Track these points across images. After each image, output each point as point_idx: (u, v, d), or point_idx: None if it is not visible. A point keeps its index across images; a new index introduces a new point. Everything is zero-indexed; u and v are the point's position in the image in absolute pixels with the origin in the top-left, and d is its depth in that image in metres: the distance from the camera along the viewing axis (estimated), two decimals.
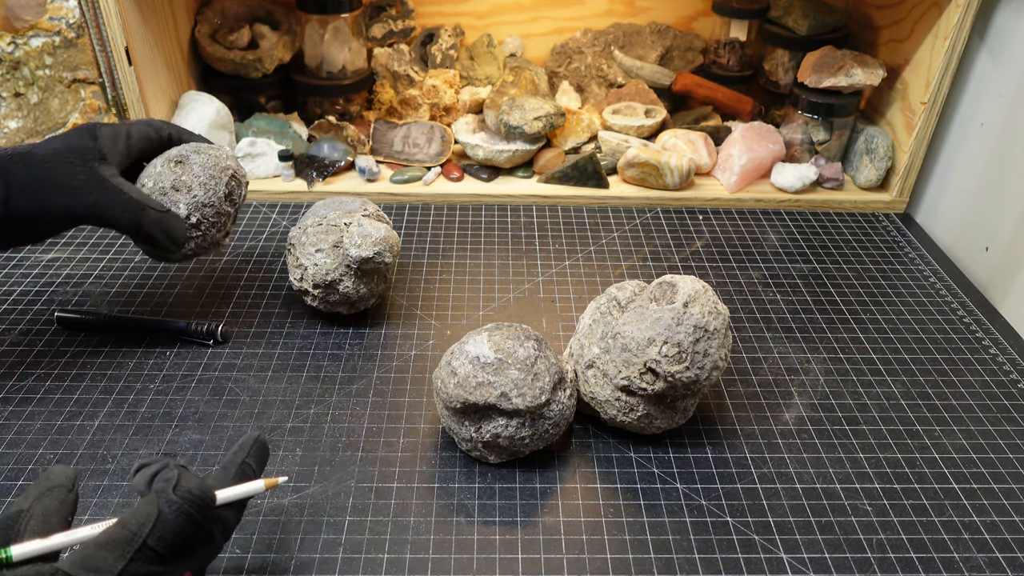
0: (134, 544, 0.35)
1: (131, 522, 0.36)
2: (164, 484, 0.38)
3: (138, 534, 0.36)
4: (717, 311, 0.53)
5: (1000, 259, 0.76)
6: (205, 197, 0.60)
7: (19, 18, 0.84)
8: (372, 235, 0.62)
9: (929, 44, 0.82)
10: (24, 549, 0.36)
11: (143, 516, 0.36)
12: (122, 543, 0.35)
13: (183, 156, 0.61)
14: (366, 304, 0.66)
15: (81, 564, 0.34)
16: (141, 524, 0.36)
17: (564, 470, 0.54)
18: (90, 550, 0.35)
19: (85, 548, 0.35)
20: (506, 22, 1.04)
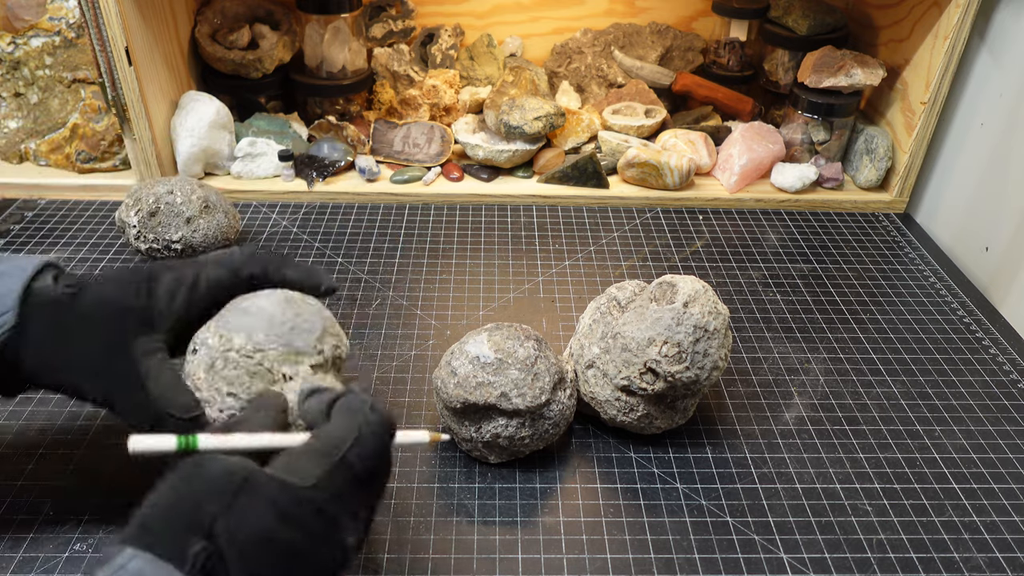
0: (334, 456, 0.35)
1: (332, 434, 0.36)
2: (361, 403, 0.37)
3: (339, 447, 0.35)
4: (717, 311, 0.53)
5: (1000, 259, 0.76)
6: None
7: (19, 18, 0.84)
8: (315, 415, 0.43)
9: (929, 44, 0.82)
10: (210, 440, 0.36)
11: (343, 431, 0.36)
12: (323, 452, 0.35)
13: None
14: None
15: (283, 467, 0.34)
16: (342, 439, 0.36)
17: (564, 470, 0.54)
18: (289, 458, 0.35)
19: (286, 455, 0.35)
20: (506, 22, 1.04)
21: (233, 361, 0.43)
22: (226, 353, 0.43)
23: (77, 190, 0.86)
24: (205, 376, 0.43)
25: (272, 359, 0.43)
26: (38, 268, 0.43)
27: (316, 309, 0.46)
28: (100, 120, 0.87)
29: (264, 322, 0.44)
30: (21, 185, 0.86)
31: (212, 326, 0.45)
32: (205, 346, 0.44)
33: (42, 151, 0.88)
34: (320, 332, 0.46)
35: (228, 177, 0.88)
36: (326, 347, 0.46)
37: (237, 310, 0.45)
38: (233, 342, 0.43)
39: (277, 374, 0.44)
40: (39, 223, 0.81)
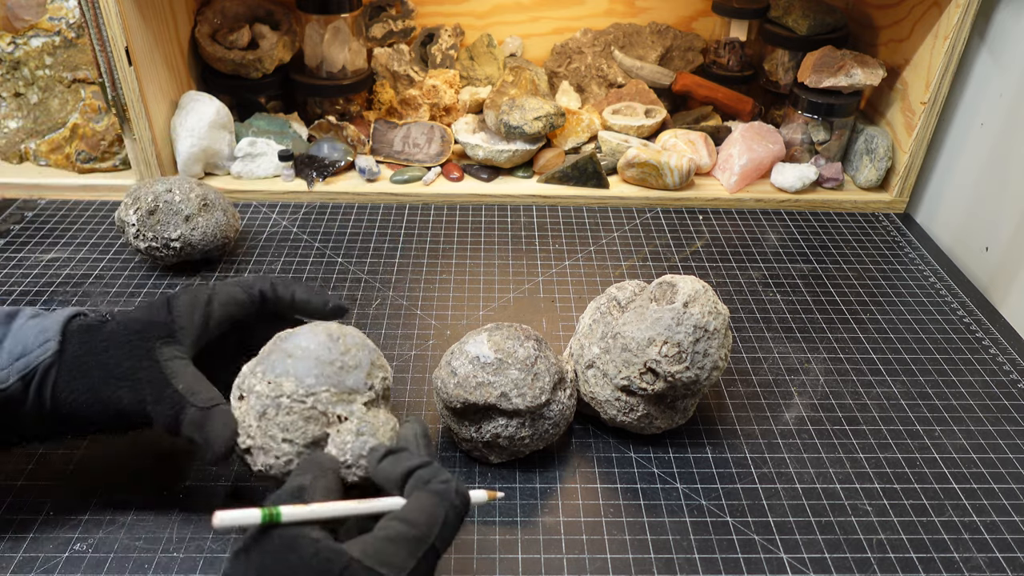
0: (424, 545, 0.36)
1: (419, 522, 0.37)
2: (446, 487, 0.38)
3: (428, 536, 0.36)
4: (717, 311, 0.53)
5: (1000, 259, 0.76)
6: None
7: (19, 18, 0.84)
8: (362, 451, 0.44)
9: (929, 44, 0.82)
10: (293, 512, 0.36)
11: (432, 517, 0.37)
12: (413, 542, 0.36)
13: None
14: None
15: (374, 556, 0.35)
16: (431, 526, 0.37)
17: (564, 470, 0.54)
18: (382, 544, 0.35)
19: (377, 540, 0.36)
20: (506, 22, 1.04)
21: (286, 407, 0.43)
22: (278, 400, 0.43)
23: (77, 190, 0.86)
24: (258, 424, 0.43)
25: (325, 402, 0.43)
26: (76, 311, 0.48)
27: (360, 342, 0.46)
28: (100, 120, 0.87)
29: (312, 364, 0.44)
30: (21, 185, 0.86)
31: (258, 372, 0.44)
32: (254, 394, 0.44)
33: (42, 151, 0.88)
34: (368, 367, 0.46)
35: (228, 177, 0.88)
36: (375, 381, 0.46)
37: (280, 352, 0.45)
38: (283, 387, 0.43)
39: (332, 416, 0.44)
40: (39, 223, 0.81)
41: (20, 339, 0.45)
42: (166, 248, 0.72)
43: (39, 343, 0.45)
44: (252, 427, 0.43)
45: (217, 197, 0.74)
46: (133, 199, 0.72)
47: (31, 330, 0.45)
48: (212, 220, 0.73)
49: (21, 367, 0.44)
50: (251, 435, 0.44)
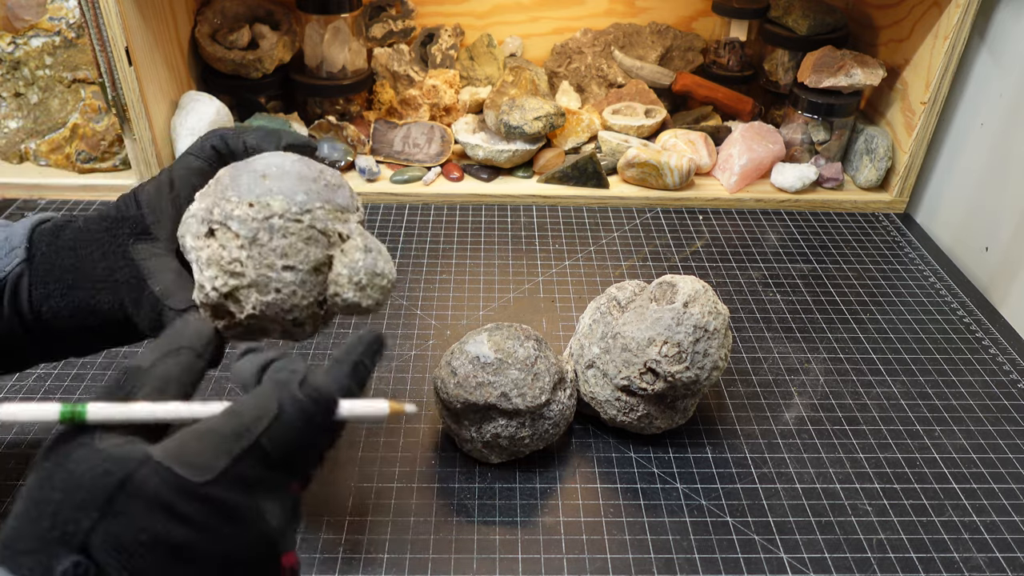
0: (243, 441, 0.29)
1: (243, 413, 0.30)
2: (289, 376, 0.31)
3: (251, 429, 0.29)
4: (717, 311, 0.53)
5: (1000, 259, 0.76)
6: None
7: (19, 18, 0.84)
8: (383, 271, 0.40)
9: (929, 44, 0.82)
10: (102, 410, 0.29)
11: (259, 409, 0.30)
12: (229, 437, 0.29)
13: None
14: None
15: (176, 454, 0.28)
16: (256, 418, 0.30)
17: (564, 470, 0.54)
18: (188, 439, 0.29)
19: (184, 436, 0.29)
20: (506, 22, 1.04)
21: (281, 228, 0.36)
22: (268, 221, 0.36)
23: (77, 190, 0.86)
24: (248, 254, 0.36)
25: (322, 219, 0.37)
26: (48, 216, 0.44)
27: (328, 168, 0.41)
28: (100, 120, 0.87)
29: (296, 181, 0.37)
30: (21, 185, 0.86)
31: (230, 198, 0.37)
32: (234, 220, 0.36)
33: (42, 151, 0.88)
34: (348, 186, 0.40)
35: None
36: (359, 204, 0.41)
37: (250, 175, 0.38)
38: (272, 207, 0.36)
39: (333, 235, 0.38)
40: None
41: None
42: None
43: (5, 251, 0.41)
44: (241, 259, 0.36)
45: None
46: None
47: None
48: None
49: None
50: (237, 271, 0.37)
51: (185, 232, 0.38)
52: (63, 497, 0.27)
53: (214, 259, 0.37)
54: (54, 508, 0.27)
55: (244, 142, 0.44)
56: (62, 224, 0.42)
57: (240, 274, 0.37)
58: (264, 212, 0.36)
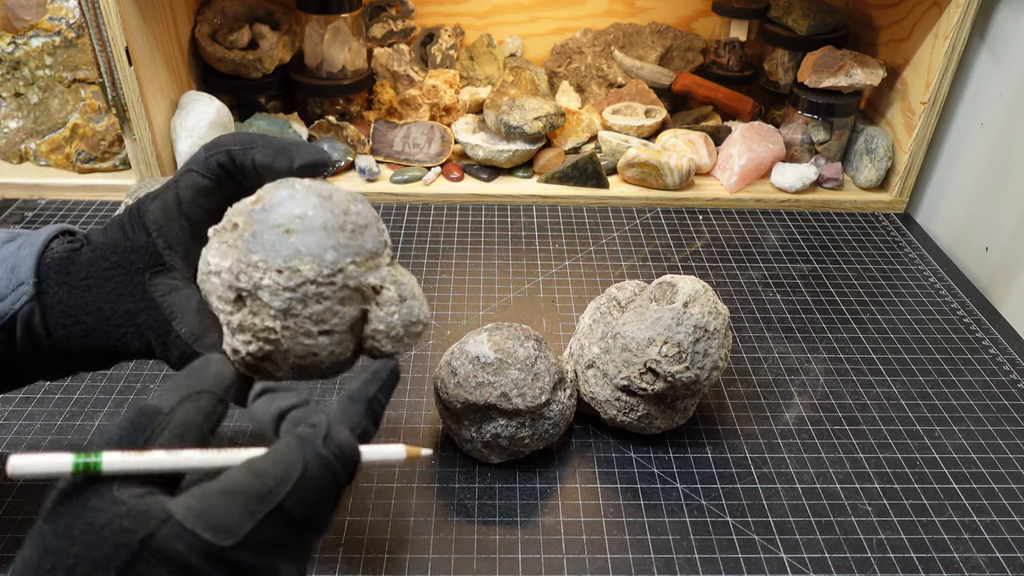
0: (268, 503, 0.28)
1: (267, 472, 0.28)
2: (312, 431, 0.30)
3: (275, 491, 0.28)
4: (717, 311, 0.53)
5: (1000, 259, 0.76)
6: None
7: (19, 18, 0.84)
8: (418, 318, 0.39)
9: (929, 44, 0.82)
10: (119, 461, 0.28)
11: (283, 469, 0.29)
12: (253, 498, 0.28)
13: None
14: None
15: (199, 515, 0.27)
16: (281, 479, 0.28)
17: (564, 470, 0.54)
18: (213, 498, 0.28)
19: (207, 494, 0.28)
20: (506, 22, 1.04)
21: (314, 295, 0.35)
22: (300, 289, 0.35)
23: (77, 190, 0.86)
24: (283, 324, 0.35)
25: (354, 275, 0.36)
26: (52, 235, 0.40)
27: (349, 195, 0.38)
28: (100, 120, 0.87)
29: (322, 235, 0.35)
30: (21, 185, 0.86)
31: (256, 261, 0.35)
32: (264, 290, 0.35)
33: (42, 151, 0.88)
34: (374, 220, 0.37)
35: None
36: (386, 235, 0.38)
37: (272, 230, 0.35)
38: (303, 272, 0.35)
39: (367, 290, 0.36)
40: (39, 223, 0.81)
41: None
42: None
43: (12, 286, 0.38)
44: (274, 329, 0.35)
45: None
46: (134, 199, 0.72)
47: (2, 266, 0.39)
48: None
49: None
50: (272, 339, 0.36)
51: (210, 292, 0.37)
52: (81, 552, 0.26)
53: (246, 326, 0.36)
54: (72, 562, 0.26)
55: (253, 159, 0.40)
56: (70, 255, 0.39)
57: (275, 341, 0.36)
58: (295, 279, 0.35)
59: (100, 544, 0.26)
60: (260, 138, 0.41)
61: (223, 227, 0.37)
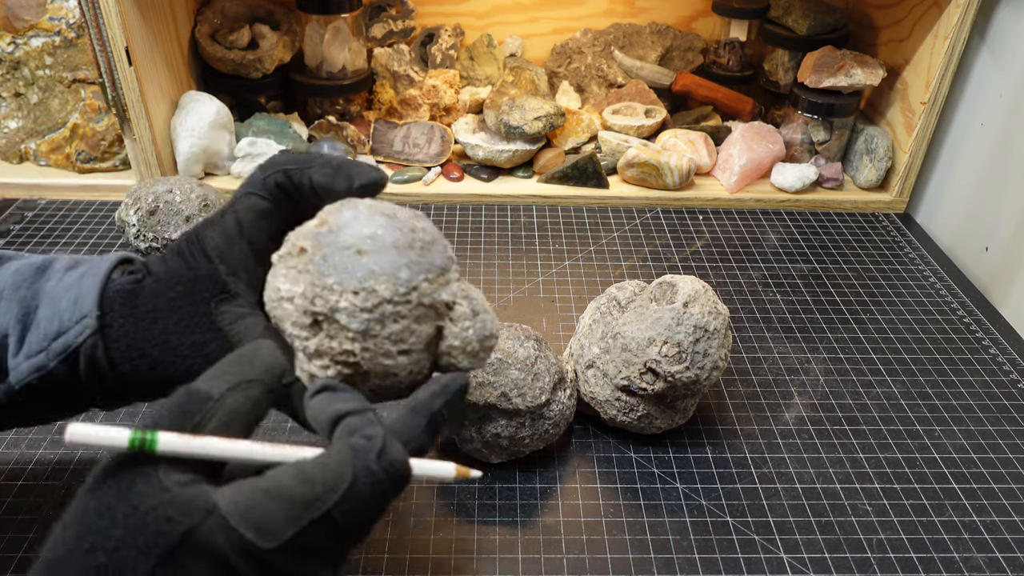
0: (314, 511, 0.28)
1: (316, 479, 0.28)
2: (367, 444, 0.29)
3: (323, 499, 0.28)
4: (717, 311, 0.53)
5: (1000, 259, 0.76)
6: None
7: (19, 18, 0.84)
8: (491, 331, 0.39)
9: (929, 44, 0.82)
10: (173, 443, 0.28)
11: (333, 478, 0.28)
12: (300, 504, 0.28)
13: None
14: None
15: (243, 513, 0.27)
16: (329, 488, 0.28)
17: (564, 470, 0.54)
18: (259, 498, 0.27)
19: (253, 492, 0.28)
20: (506, 22, 1.04)
21: (392, 315, 0.35)
22: (377, 309, 0.34)
23: (77, 190, 0.86)
24: (362, 345, 0.34)
25: (428, 293, 0.36)
26: (114, 264, 0.39)
27: (411, 212, 0.38)
28: (100, 120, 0.87)
29: (394, 254, 0.35)
30: (21, 185, 0.86)
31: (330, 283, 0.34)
32: (341, 312, 0.34)
33: (42, 151, 0.88)
34: (438, 236, 0.38)
35: (228, 177, 0.88)
36: (451, 250, 0.38)
37: (342, 252, 0.35)
38: (379, 293, 0.34)
39: (440, 307, 0.36)
40: (39, 223, 0.81)
41: (55, 309, 0.38)
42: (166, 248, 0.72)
43: (75, 319, 0.37)
44: (352, 351, 0.35)
45: (218, 198, 0.74)
46: (134, 199, 0.72)
47: (65, 296, 0.38)
48: None
49: (59, 348, 0.37)
50: (351, 362, 0.35)
51: (283, 318, 0.36)
52: (124, 535, 0.26)
53: (323, 351, 0.35)
54: (114, 544, 0.26)
55: (310, 179, 0.40)
56: (134, 287, 0.38)
57: (355, 364, 0.35)
58: (372, 300, 0.34)
59: (143, 530, 0.26)
60: (317, 157, 0.40)
61: (288, 253, 0.37)
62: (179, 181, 0.73)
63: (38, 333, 0.37)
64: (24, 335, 0.38)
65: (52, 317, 0.37)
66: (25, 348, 0.37)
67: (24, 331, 0.38)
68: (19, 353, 0.37)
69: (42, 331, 0.37)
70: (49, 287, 0.38)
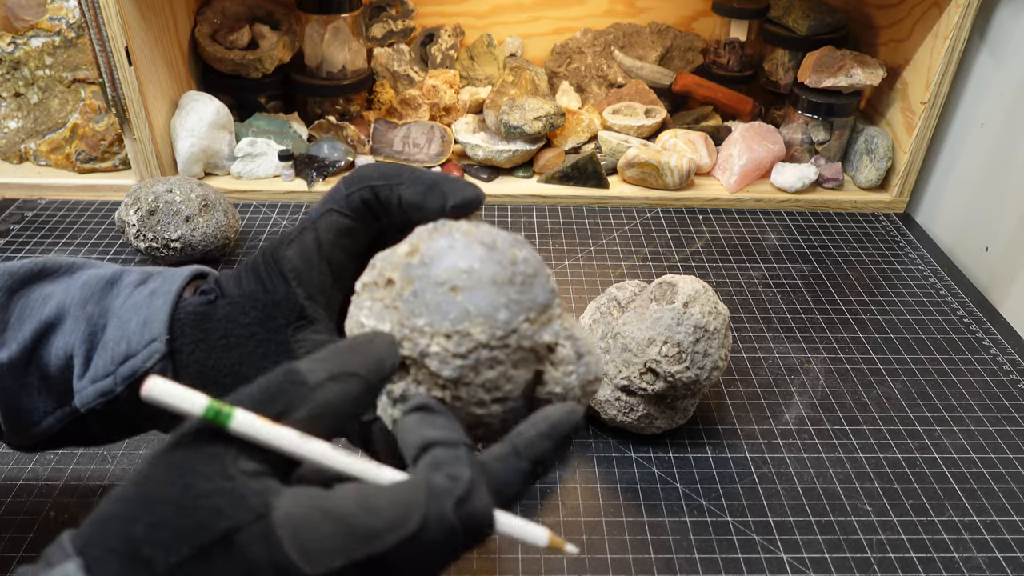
0: (369, 547, 0.24)
1: (381, 513, 0.25)
2: (448, 486, 0.26)
3: (382, 537, 0.24)
4: (717, 311, 0.53)
5: (1000, 259, 0.76)
6: None
7: (19, 18, 0.84)
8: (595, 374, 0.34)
9: (929, 44, 0.82)
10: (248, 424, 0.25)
11: (402, 516, 0.25)
12: (356, 535, 0.24)
13: None
14: None
15: (294, 528, 0.24)
16: (393, 526, 0.25)
17: (564, 470, 0.54)
18: (316, 516, 0.25)
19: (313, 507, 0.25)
20: (506, 22, 1.04)
21: (487, 360, 0.31)
22: (472, 355, 0.31)
23: (77, 190, 0.86)
24: (454, 393, 0.31)
25: (528, 335, 0.32)
26: (186, 281, 0.37)
27: (512, 239, 0.33)
28: (100, 120, 0.87)
29: (493, 292, 0.31)
30: (21, 185, 0.86)
31: (420, 325, 0.31)
32: (432, 358, 0.31)
33: (42, 151, 0.88)
34: (541, 266, 0.33)
35: (228, 177, 0.88)
36: (553, 282, 0.34)
37: (435, 288, 0.31)
38: (474, 336, 0.30)
39: (541, 349, 0.32)
40: (39, 223, 0.81)
41: (124, 331, 0.35)
42: (166, 248, 0.72)
43: (144, 342, 0.35)
44: (444, 399, 0.31)
45: (217, 197, 0.74)
46: (133, 199, 0.72)
47: (135, 317, 0.35)
48: (212, 220, 0.73)
49: (127, 372, 0.35)
50: None
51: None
52: (170, 514, 0.24)
53: (409, 396, 0.32)
54: (157, 519, 0.24)
55: (399, 196, 0.36)
56: (206, 309, 0.35)
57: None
58: (466, 345, 0.30)
59: (190, 514, 0.24)
60: (406, 171, 0.36)
61: (374, 282, 0.33)
62: (179, 181, 0.73)
63: (105, 356, 0.35)
64: (91, 356, 0.36)
65: (120, 339, 0.35)
66: (91, 371, 0.35)
67: (90, 352, 0.36)
68: (84, 376, 0.35)
69: (110, 353, 0.35)
70: (117, 304, 0.36)
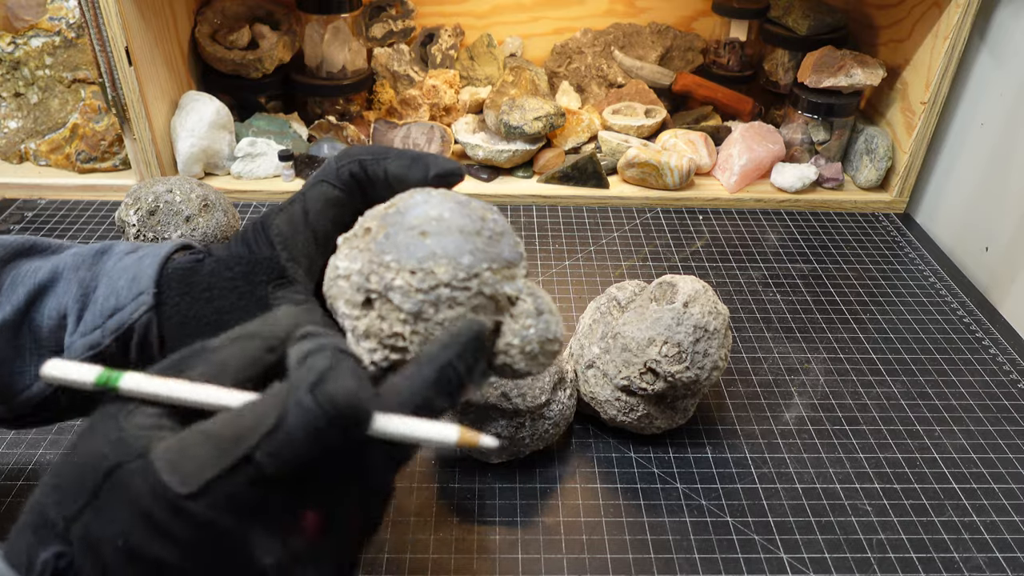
0: (235, 450, 0.24)
1: (244, 418, 0.25)
2: (304, 374, 0.26)
3: (245, 438, 0.25)
4: (717, 311, 0.53)
5: (1000, 259, 0.76)
6: None
7: (19, 18, 0.84)
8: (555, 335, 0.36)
9: (929, 44, 0.82)
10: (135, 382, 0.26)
11: (260, 414, 0.25)
12: (224, 444, 0.25)
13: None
14: None
15: (168, 454, 0.25)
16: (253, 426, 0.25)
17: (564, 470, 0.54)
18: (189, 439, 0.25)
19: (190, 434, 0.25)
20: (506, 22, 1.04)
21: (447, 299, 0.32)
22: (434, 292, 0.32)
23: (77, 190, 0.86)
24: (412, 328, 0.32)
25: (490, 282, 0.33)
26: (175, 248, 0.39)
27: (483, 203, 0.36)
28: (100, 120, 0.87)
29: (459, 239, 0.33)
30: (21, 185, 0.86)
31: (388, 261, 0.33)
32: (395, 291, 0.32)
33: (42, 151, 0.88)
34: (511, 230, 0.35)
35: (228, 177, 0.88)
36: (522, 247, 0.36)
37: (406, 231, 0.33)
38: (437, 275, 0.32)
39: (502, 299, 0.34)
40: (39, 223, 0.81)
41: (113, 287, 0.37)
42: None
43: (132, 296, 0.36)
44: (404, 334, 0.32)
45: (218, 197, 0.74)
46: (134, 199, 0.72)
47: (124, 275, 0.37)
48: (212, 221, 0.73)
49: (114, 325, 0.36)
50: (399, 346, 0.33)
51: (337, 296, 0.34)
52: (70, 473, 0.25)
53: (372, 332, 0.33)
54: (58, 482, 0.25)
55: (385, 169, 0.38)
56: (193, 265, 0.37)
57: (403, 348, 0.33)
58: (428, 281, 0.32)
59: (83, 468, 0.25)
60: (393, 149, 0.39)
61: (354, 233, 0.35)
62: (179, 181, 0.73)
63: (94, 311, 0.37)
64: (82, 314, 0.37)
65: (109, 295, 0.37)
66: (81, 327, 0.37)
67: (82, 310, 0.37)
68: (75, 332, 0.37)
69: (99, 308, 0.37)
70: (108, 266, 0.38)
